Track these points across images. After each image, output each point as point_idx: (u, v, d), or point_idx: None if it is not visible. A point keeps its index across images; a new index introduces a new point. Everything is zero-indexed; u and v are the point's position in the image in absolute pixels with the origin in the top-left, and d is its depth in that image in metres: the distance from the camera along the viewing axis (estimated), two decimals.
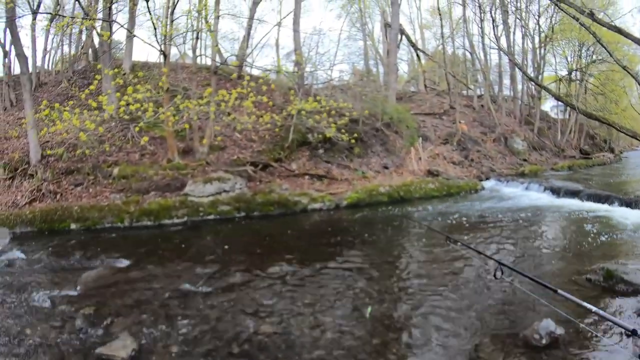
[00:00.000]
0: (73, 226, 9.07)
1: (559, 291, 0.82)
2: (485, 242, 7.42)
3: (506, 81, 27.97)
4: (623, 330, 0.50)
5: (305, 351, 3.82)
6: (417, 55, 22.15)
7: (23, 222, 8.96)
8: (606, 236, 7.62)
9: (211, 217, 9.62)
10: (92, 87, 9.46)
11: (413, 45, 24.14)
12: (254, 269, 6.07)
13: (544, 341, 3.60)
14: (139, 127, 8.67)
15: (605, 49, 16.55)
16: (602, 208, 9.98)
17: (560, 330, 3.68)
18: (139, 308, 4.76)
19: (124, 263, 6.49)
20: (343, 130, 10.20)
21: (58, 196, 9.97)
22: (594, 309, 0.68)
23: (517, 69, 24.32)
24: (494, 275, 1.55)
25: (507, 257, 6.52)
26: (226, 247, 7.51)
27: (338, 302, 4.95)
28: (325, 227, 8.87)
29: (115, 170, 10.95)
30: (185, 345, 3.89)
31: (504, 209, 10.40)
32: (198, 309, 4.73)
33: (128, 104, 8.97)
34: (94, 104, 9.02)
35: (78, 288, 5.43)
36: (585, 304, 0.72)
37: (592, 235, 7.69)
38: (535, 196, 12.18)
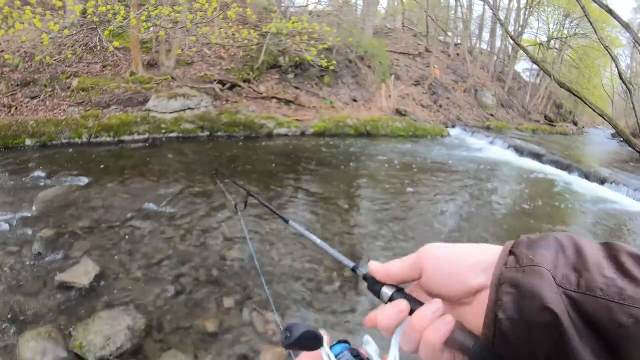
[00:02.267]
0: (28, 142, 8.62)
1: (290, 221, 0.85)
2: (443, 189, 7.58)
3: (485, 35, 27.85)
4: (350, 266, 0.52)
5: (274, 278, 3.80)
6: None
7: None
8: (562, 203, 7.93)
9: (174, 134, 9.39)
10: None
11: None
12: (215, 191, 5.94)
13: None
14: (108, 30, 8.08)
15: (592, 25, 16.57)
16: (561, 175, 10.30)
17: None
18: (99, 230, 4.55)
19: (83, 181, 6.19)
20: (322, 56, 9.92)
21: (12, 110, 9.39)
22: (318, 241, 0.70)
23: (498, 25, 24.14)
24: (235, 207, 1.52)
25: (463, 207, 6.72)
26: (189, 166, 7.37)
27: (304, 228, 4.96)
28: (290, 153, 8.83)
29: (75, 82, 10.39)
30: (149, 270, 3.76)
31: (467, 159, 10.63)
32: (162, 231, 4.57)
33: (97, 5, 8.32)
34: (59, 3, 8.34)
35: (34, 208, 5.11)
36: (313, 237, 0.75)
37: (549, 199, 7.98)
38: (498, 151, 12.48)
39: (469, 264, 0.43)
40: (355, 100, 11.88)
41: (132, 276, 3.68)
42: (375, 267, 0.49)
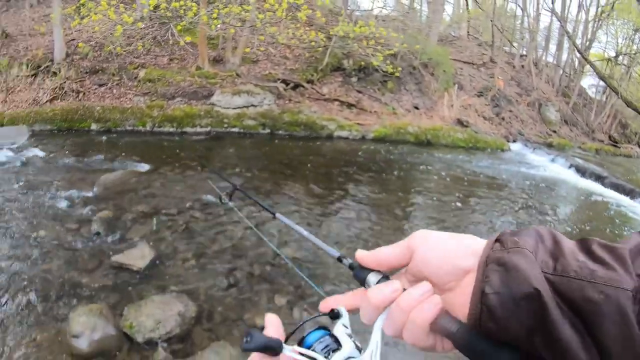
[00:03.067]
0: (94, 126, 8.98)
1: (277, 214, 0.74)
2: (500, 205, 7.20)
3: (551, 47, 26.67)
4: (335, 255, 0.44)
5: (327, 280, 3.75)
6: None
7: (43, 120, 8.86)
8: (619, 229, 7.36)
9: (235, 129, 9.50)
10: None
11: None
12: (277, 188, 5.97)
13: None
14: (181, 26, 8.29)
15: None
16: (623, 200, 9.61)
17: None
18: (158, 216, 4.61)
19: (144, 168, 6.36)
20: (388, 62, 9.78)
21: (80, 95, 9.84)
22: (305, 233, 0.61)
23: (565, 37, 23.07)
24: (220, 200, 1.41)
25: (518, 225, 6.34)
26: (249, 162, 7.40)
27: (357, 233, 4.85)
28: (349, 157, 8.73)
29: (142, 73, 10.75)
30: (204, 260, 3.76)
31: (526, 176, 10.13)
32: (220, 223, 4.59)
33: (171, 0, 8.55)
34: None
35: (95, 190, 5.27)
36: (299, 228, 0.65)
37: (605, 223, 7.46)
38: (559, 170, 11.82)
39: (460, 247, 0.46)
40: (417, 108, 11.62)
41: (186, 264, 3.71)
42: (362, 254, 0.50)
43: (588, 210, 8.42)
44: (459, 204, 6.74)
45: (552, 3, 22.29)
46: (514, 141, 14.57)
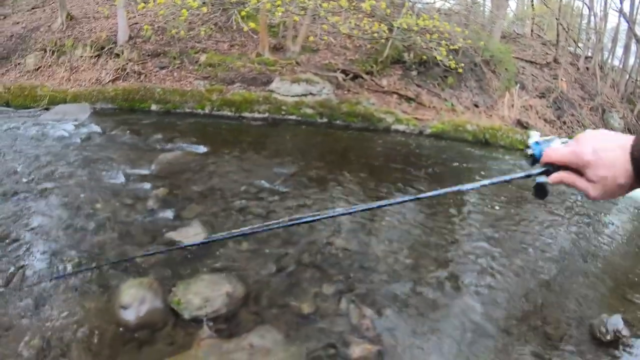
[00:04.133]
0: (154, 107, 9.27)
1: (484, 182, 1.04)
2: (554, 215, 6.86)
3: (618, 50, 25.22)
4: None
5: (376, 275, 3.69)
6: None
7: (105, 99, 9.25)
8: None
9: (293, 117, 9.59)
10: None
11: None
12: (332, 178, 5.92)
13: (608, 337, 3.44)
14: (245, 12, 8.42)
15: None
16: None
17: (627, 331, 3.47)
18: (212, 197, 4.68)
19: (201, 150, 6.46)
20: (451, 57, 9.56)
21: (142, 77, 10.20)
22: (500, 179, 1.01)
23: (633, 41, 21.75)
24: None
25: (573, 240, 6.01)
26: (305, 150, 7.41)
27: (411, 231, 4.78)
28: (405, 151, 8.60)
29: (203, 57, 11.01)
30: (255, 244, 3.78)
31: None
32: (272, 208, 4.61)
33: None
34: None
35: (153, 168, 5.39)
36: (496, 179, 1.02)
37: None
38: None
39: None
40: (476, 106, 11.32)
41: (237, 247, 3.74)
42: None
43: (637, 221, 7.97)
44: (515, 210, 6.52)
45: (621, 3, 21.09)
46: None
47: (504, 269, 4.27)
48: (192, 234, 3.78)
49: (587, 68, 19.90)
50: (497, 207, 6.24)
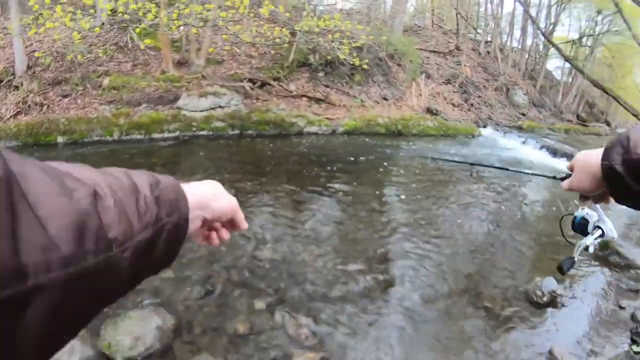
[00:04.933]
0: (60, 139, 8.74)
1: (510, 168, 1.27)
2: (475, 191, 7.26)
3: (516, 32, 27.17)
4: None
5: (308, 281, 3.67)
6: None
7: (8, 136, 8.58)
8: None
9: (204, 132, 9.38)
10: None
11: None
12: (249, 190, 5.84)
13: (545, 299, 3.66)
14: (140, 29, 8.12)
15: (625, 21, 16.10)
16: None
17: (561, 290, 3.74)
18: None
19: None
20: (355, 54, 9.77)
21: (44, 108, 9.55)
22: (529, 172, 1.23)
23: (529, 22, 23.53)
24: (471, 174, 1.63)
25: (495, 211, 6.42)
26: (219, 164, 7.30)
27: (335, 230, 4.82)
28: (321, 152, 8.68)
29: (106, 81, 10.51)
30: (180, 270, 3.66)
31: (499, 160, 10.28)
32: None
33: (128, 3, 8.33)
34: (90, 2, 8.40)
35: None
36: (525, 171, 1.17)
37: None
38: (531, 152, 12.06)
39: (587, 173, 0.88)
40: (385, 99, 11.68)
41: (162, 276, 3.53)
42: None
43: (563, 190, 8.56)
44: (434, 192, 6.79)
45: None
46: (485, 126, 14.79)
47: (434, 253, 4.39)
48: None
49: (488, 52, 21.26)
50: (418, 196, 6.45)
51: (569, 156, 11.27)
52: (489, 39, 23.65)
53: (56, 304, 0.33)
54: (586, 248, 1.02)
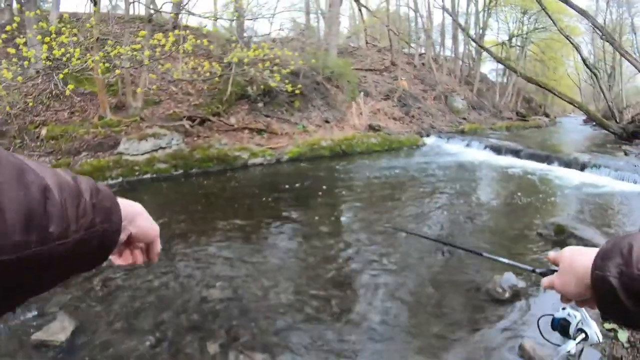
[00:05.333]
0: None
1: (484, 254, 1.10)
2: (428, 198, 7.57)
3: (448, 41, 28.51)
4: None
5: (261, 316, 3.64)
6: (360, 10, 22.01)
7: None
8: (548, 194, 8.07)
9: (148, 176, 9.25)
10: (8, 28, 8.54)
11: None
12: (196, 229, 5.80)
13: (507, 294, 3.76)
14: (63, 74, 7.98)
15: (550, 17, 17.32)
16: (542, 167, 10.51)
17: (522, 284, 3.86)
18: (75, 281, 4.30)
19: None
20: (287, 81, 9.95)
21: None
22: (506, 261, 0.98)
23: (459, 30, 24.76)
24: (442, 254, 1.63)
25: (450, 214, 6.73)
26: (165, 207, 7.22)
27: (288, 261, 4.84)
28: (268, 183, 8.76)
29: (43, 131, 10.22)
30: (129, 320, 3.60)
31: (446, 165, 10.71)
32: (139, 277, 4.38)
33: (51, 49, 8.16)
34: (12, 51, 8.19)
35: None
36: (501, 259, 0.99)
37: (535, 192, 8.09)
38: (476, 153, 12.63)
39: (577, 280, 0.73)
40: (327, 122, 11.95)
41: (111, 328, 3.50)
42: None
43: (513, 183, 9.03)
44: (387, 208, 6.99)
45: (442, 0, 23.92)
46: (428, 135, 15.36)
47: (387, 270, 4.46)
48: (59, 329, 3.45)
49: (423, 64, 22.18)
50: (366, 213, 6.60)
51: (513, 152, 11.89)
52: (422, 51, 24.69)
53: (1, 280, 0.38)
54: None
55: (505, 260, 0.93)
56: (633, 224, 6.41)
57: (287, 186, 8.27)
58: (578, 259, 0.72)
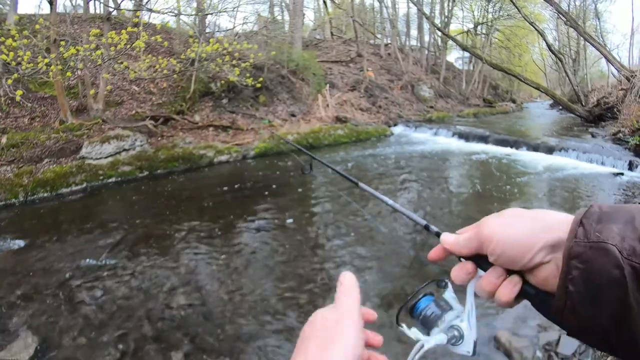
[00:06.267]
0: None
1: (360, 184, 0.92)
2: (397, 187, 7.69)
3: (413, 31, 28.80)
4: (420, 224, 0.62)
5: (227, 320, 3.62)
6: (324, 2, 22.02)
7: None
8: (517, 178, 8.29)
9: (112, 180, 9.10)
10: None
11: None
12: (162, 233, 5.75)
13: None
14: (11, 79, 7.77)
15: (514, 4, 17.69)
16: (510, 152, 10.82)
17: None
18: (39, 296, 4.25)
19: (19, 244, 5.85)
20: (248, 75, 9.90)
21: None
22: (390, 202, 0.80)
23: (424, 20, 25.02)
24: (302, 171, 1.60)
25: (420, 202, 6.85)
26: (130, 211, 7.14)
27: (254, 261, 4.82)
28: (234, 180, 8.71)
29: (3, 139, 9.92)
30: (92, 334, 3.54)
31: (415, 154, 10.87)
32: (103, 287, 4.34)
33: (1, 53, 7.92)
34: None
35: None
36: (383, 197, 0.83)
37: (503, 177, 8.32)
38: (444, 141, 12.87)
39: (532, 245, 0.48)
40: (293, 115, 11.97)
41: (75, 343, 3.46)
42: (445, 239, 0.58)
43: (482, 169, 9.23)
44: (354, 199, 7.03)
45: None
46: (395, 125, 15.56)
47: (357, 266, 4.53)
48: (22, 347, 3.38)
49: (389, 54, 22.36)
50: (333, 209, 6.66)
51: (481, 138, 12.16)
52: (388, 41, 24.88)
53: None
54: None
55: (404, 211, 0.75)
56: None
57: (253, 183, 8.28)
58: (543, 211, 0.51)
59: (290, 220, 6.07)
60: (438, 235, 0.62)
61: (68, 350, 3.42)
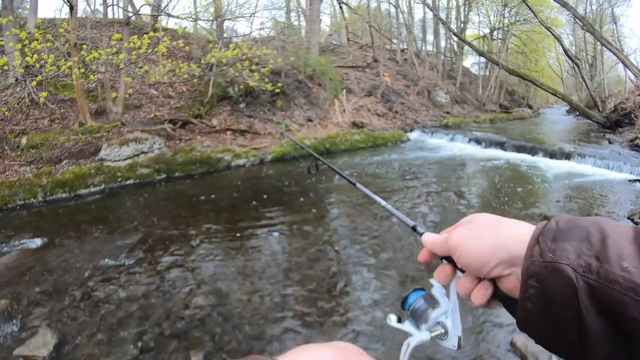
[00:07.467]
0: None
1: (357, 185, 0.90)
2: (415, 193, 7.60)
3: (429, 37, 28.69)
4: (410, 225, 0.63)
5: (245, 321, 3.61)
6: (340, 7, 22.03)
7: None
8: (534, 184, 8.15)
9: (130, 181, 9.17)
10: None
11: None
12: (179, 235, 5.76)
13: None
14: (35, 81, 7.88)
15: (531, 9, 17.50)
16: (527, 158, 10.65)
17: None
18: (57, 294, 4.29)
19: (38, 243, 5.90)
20: (266, 80, 9.93)
21: None
22: (382, 202, 0.81)
23: (441, 25, 24.90)
24: (308, 171, 1.58)
25: (437, 207, 6.76)
26: (148, 212, 7.16)
27: (273, 263, 4.81)
28: (252, 184, 8.71)
29: (24, 140, 10.08)
30: (111, 331, 3.55)
31: (431, 159, 10.76)
32: (122, 286, 4.36)
33: (24, 56, 8.05)
34: None
35: None
36: (376, 197, 0.81)
37: (520, 184, 8.18)
38: (460, 147, 12.73)
39: (489, 259, 0.50)
40: (310, 120, 11.95)
41: (94, 340, 3.46)
42: (426, 239, 0.61)
43: (499, 176, 9.07)
44: (371, 205, 6.96)
45: None
46: (412, 130, 15.44)
47: (374, 271, 4.46)
48: (41, 344, 3.40)
49: (405, 59, 22.27)
50: (350, 214, 6.60)
51: (497, 144, 12.00)
52: (404, 47, 24.80)
53: None
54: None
55: (395, 212, 0.80)
56: (620, 211, 6.51)
57: (270, 187, 8.25)
58: (508, 223, 0.52)
59: (307, 226, 6.02)
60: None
61: (86, 347, 3.41)
